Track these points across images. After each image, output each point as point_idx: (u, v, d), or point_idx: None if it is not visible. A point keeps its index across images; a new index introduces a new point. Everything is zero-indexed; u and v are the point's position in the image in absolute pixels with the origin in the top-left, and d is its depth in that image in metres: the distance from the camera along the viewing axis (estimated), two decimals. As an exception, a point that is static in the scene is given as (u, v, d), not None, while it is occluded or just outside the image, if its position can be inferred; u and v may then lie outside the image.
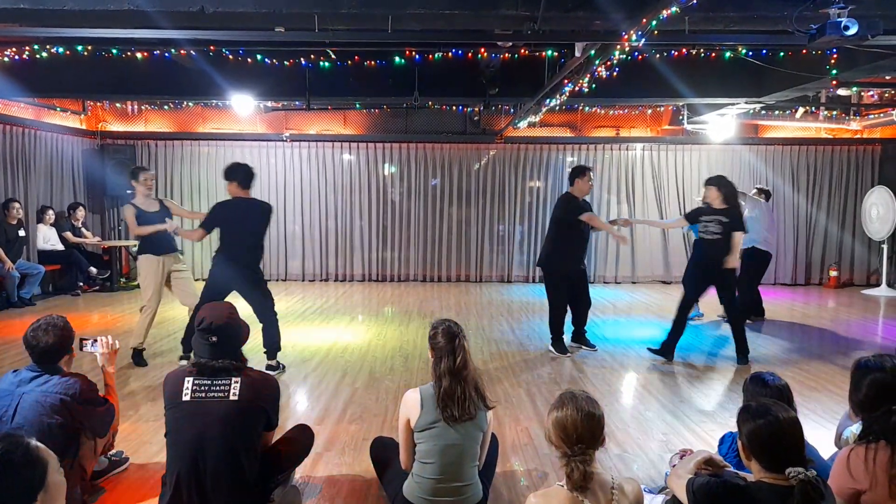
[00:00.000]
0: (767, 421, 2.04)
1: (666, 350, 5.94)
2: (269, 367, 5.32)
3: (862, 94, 9.43)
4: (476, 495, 2.87)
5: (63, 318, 3.06)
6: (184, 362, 5.38)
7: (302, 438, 3.34)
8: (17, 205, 8.53)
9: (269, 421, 2.95)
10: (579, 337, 6.35)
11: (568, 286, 6.09)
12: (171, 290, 5.80)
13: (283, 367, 5.53)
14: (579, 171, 6.06)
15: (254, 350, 5.39)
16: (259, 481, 2.92)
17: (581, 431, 2.12)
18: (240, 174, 5.30)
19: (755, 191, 8.14)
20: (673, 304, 6.13)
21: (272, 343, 5.44)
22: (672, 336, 5.93)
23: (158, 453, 3.69)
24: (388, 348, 6.33)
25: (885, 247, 10.06)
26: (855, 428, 2.68)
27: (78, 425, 2.95)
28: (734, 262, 5.78)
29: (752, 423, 2.07)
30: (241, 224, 5.27)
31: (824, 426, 4.18)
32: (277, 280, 10.85)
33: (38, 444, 1.67)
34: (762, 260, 7.52)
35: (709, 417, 4.47)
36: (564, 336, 6.16)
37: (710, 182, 5.90)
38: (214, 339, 2.81)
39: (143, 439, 3.96)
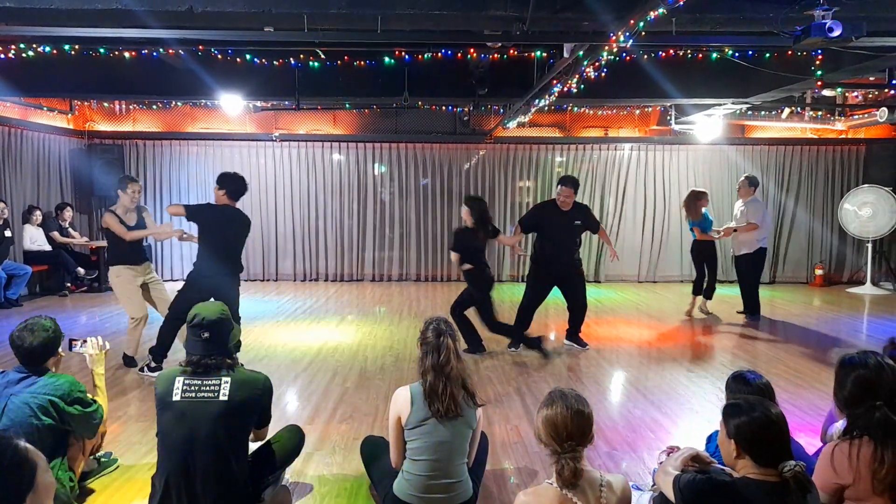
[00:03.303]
0: (758, 416, 2.06)
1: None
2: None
3: (846, 94, 9.55)
4: (466, 492, 2.89)
5: (51, 319, 3.05)
6: (146, 373, 5.29)
7: (292, 438, 3.36)
8: (2, 205, 8.46)
9: (261, 418, 2.97)
10: (573, 336, 6.40)
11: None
12: (149, 299, 5.66)
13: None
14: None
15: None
16: (249, 481, 2.93)
17: (571, 429, 2.14)
18: (231, 185, 5.19)
19: (745, 182, 7.86)
20: (657, 301, 6.15)
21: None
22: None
23: (147, 454, 3.68)
24: (378, 348, 6.34)
25: (868, 246, 10.18)
26: (840, 424, 2.71)
27: (66, 426, 2.94)
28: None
29: (741, 419, 2.08)
30: (223, 231, 5.20)
31: (810, 422, 4.23)
32: (268, 280, 10.82)
33: (28, 445, 1.66)
34: (764, 256, 7.93)
35: (696, 415, 4.52)
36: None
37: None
38: (207, 334, 2.81)
39: (132, 440, 3.95)
